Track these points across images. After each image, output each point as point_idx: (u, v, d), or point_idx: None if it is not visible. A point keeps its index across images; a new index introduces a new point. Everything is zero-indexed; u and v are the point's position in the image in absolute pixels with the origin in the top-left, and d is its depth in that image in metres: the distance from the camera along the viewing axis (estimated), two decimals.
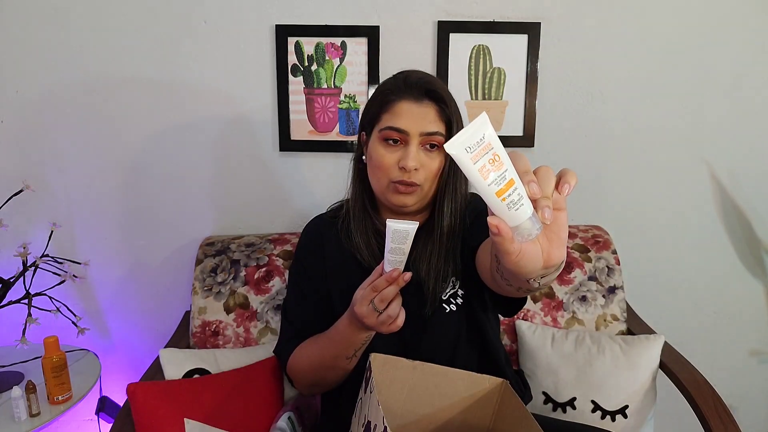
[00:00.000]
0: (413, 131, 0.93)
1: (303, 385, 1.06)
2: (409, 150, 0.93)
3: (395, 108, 0.94)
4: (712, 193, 1.63)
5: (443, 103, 0.94)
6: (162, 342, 1.42)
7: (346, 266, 1.04)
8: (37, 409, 1.22)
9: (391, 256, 0.80)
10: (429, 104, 0.94)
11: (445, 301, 1.01)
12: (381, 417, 0.69)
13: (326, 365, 0.97)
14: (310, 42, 1.49)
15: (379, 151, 0.96)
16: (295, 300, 1.10)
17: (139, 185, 1.57)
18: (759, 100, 1.57)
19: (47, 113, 1.51)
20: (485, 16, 1.50)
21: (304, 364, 1.02)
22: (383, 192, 0.98)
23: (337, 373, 0.98)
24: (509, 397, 0.87)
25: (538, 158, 1.59)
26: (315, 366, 0.99)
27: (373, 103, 0.99)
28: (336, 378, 0.99)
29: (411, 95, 0.94)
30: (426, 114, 0.94)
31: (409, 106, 0.94)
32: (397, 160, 0.94)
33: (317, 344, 1.00)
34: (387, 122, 0.95)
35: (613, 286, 1.44)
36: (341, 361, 0.95)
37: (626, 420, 1.28)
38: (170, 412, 1.11)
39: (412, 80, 0.96)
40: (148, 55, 1.49)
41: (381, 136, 0.96)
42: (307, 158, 1.58)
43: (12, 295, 1.32)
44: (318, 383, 1.03)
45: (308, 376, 1.02)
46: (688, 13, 1.52)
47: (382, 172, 0.96)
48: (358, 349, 0.93)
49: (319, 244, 1.08)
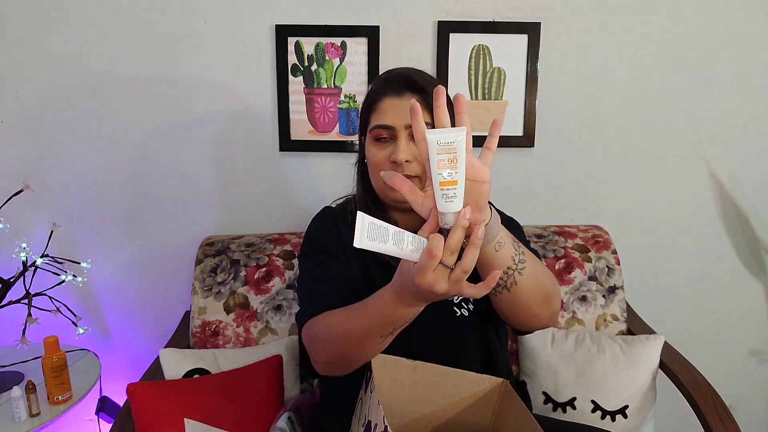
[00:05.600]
0: (398, 125, 0.94)
1: (321, 360, 0.92)
2: (398, 144, 0.94)
3: (379, 106, 0.96)
4: (712, 193, 1.63)
5: (425, 93, 0.94)
6: (162, 342, 1.43)
7: (362, 252, 1.01)
8: (37, 409, 1.22)
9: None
10: (411, 96, 0.95)
11: (456, 305, 1.00)
12: (381, 416, 0.70)
13: (357, 339, 0.84)
14: (310, 42, 1.49)
15: (372, 151, 0.97)
16: (314, 271, 1.01)
17: (139, 185, 1.57)
18: (759, 100, 1.57)
19: (47, 113, 1.51)
20: (485, 16, 1.50)
21: (331, 332, 0.89)
22: (382, 190, 0.99)
23: (365, 353, 0.86)
24: (510, 397, 0.87)
25: (538, 158, 1.59)
26: (341, 337, 0.87)
27: (363, 106, 1.02)
28: (361, 358, 0.87)
29: (392, 91, 0.96)
30: (408, 106, 0.94)
31: (392, 101, 0.95)
32: (388, 156, 0.95)
33: (348, 314, 0.87)
34: (374, 122, 0.97)
35: (613, 286, 1.45)
36: (374, 339, 0.83)
37: (626, 420, 1.28)
38: (170, 412, 1.11)
39: (391, 76, 0.98)
40: (148, 55, 1.49)
41: (372, 136, 0.97)
42: (307, 158, 1.58)
43: (12, 295, 1.31)
44: (338, 361, 0.90)
45: (330, 349, 0.89)
46: (688, 14, 1.52)
47: (377, 170, 0.97)
48: (399, 327, 0.82)
49: (334, 226, 1.06)
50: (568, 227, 1.55)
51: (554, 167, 1.60)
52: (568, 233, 1.51)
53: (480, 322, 1.02)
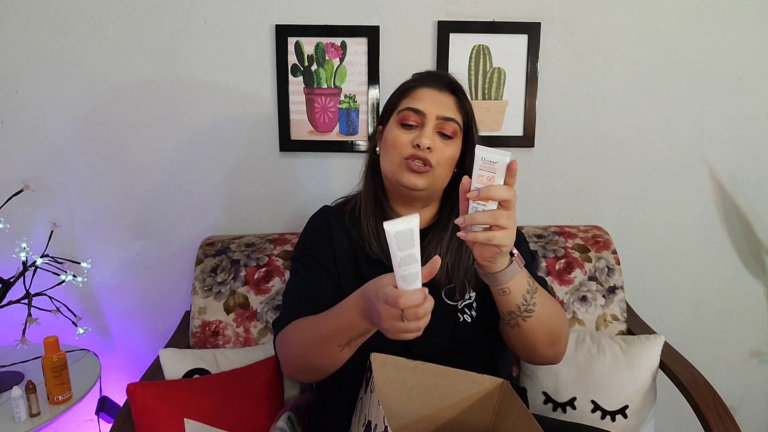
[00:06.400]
0: (431, 113, 0.96)
1: (289, 365, 0.95)
2: (425, 130, 0.95)
3: (416, 93, 0.99)
4: (713, 193, 1.63)
5: (463, 96, 0.99)
6: (162, 342, 1.43)
7: (353, 256, 1.03)
8: (37, 409, 1.22)
9: (403, 270, 0.67)
10: (449, 95, 0.99)
11: (459, 310, 1.00)
12: (382, 417, 0.70)
13: (317, 344, 0.87)
14: (310, 42, 1.49)
15: (395, 132, 0.98)
16: (300, 277, 1.03)
17: (139, 185, 1.57)
18: (759, 101, 1.57)
19: (47, 113, 1.51)
20: (485, 16, 1.50)
21: (296, 337, 0.91)
22: (394, 172, 0.98)
23: (324, 361, 0.88)
24: (510, 397, 0.87)
25: (538, 158, 1.59)
26: (305, 343, 0.89)
27: (395, 94, 1.04)
28: (322, 366, 0.89)
29: (433, 83, 0.99)
30: (445, 101, 0.98)
31: (431, 92, 0.98)
32: (411, 139, 0.96)
33: (316, 320, 0.89)
34: (406, 104, 0.98)
35: (613, 286, 1.45)
36: (332, 346, 0.85)
37: (626, 420, 1.28)
38: (170, 412, 1.11)
39: (434, 73, 1.03)
40: (148, 56, 1.49)
41: (398, 118, 0.98)
42: (307, 158, 1.58)
43: (12, 295, 1.31)
44: (304, 367, 0.92)
45: (295, 354, 0.92)
46: (688, 14, 1.52)
47: (396, 150, 0.97)
48: (354, 338, 0.83)
49: (327, 230, 1.06)
50: (568, 227, 1.55)
51: (554, 167, 1.60)
52: (568, 233, 1.51)
53: (483, 328, 1.01)
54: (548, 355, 0.95)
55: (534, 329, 0.88)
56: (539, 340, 0.91)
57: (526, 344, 0.92)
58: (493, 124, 1.55)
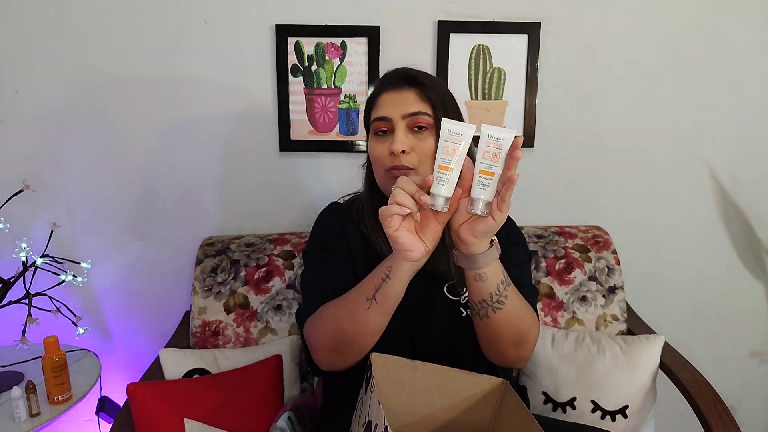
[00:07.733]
0: (395, 115, 0.95)
1: (320, 348, 0.93)
2: (396, 135, 0.94)
3: (379, 100, 0.98)
4: (713, 194, 1.63)
5: (423, 86, 0.96)
6: (162, 342, 1.43)
7: (365, 250, 1.03)
8: (37, 409, 1.22)
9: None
10: (408, 89, 0.97)
11: (462, 305, 1.00)
12: (382, 417, 0.69)
13: (347, 308, 0.88)
14: (310, 42, 1.49)
15: (372, 144, 0.99)
16: (321, 269, 1.02)
17: (139, 185, 1.57)
18: (759, 101, 1.57)
19: (47, 113, 1.51)
20: (485, 16, 1.50)
21: (328, 311, 0.92)
22: (383, 185, 0.99)
23: (355, 325, 0.87)
24: (510, 397, 0.87)
25: (538, 158, 1.59)
26: (338, 312, 0.90)
27: (365, 107, 1.04)
28: (353, 332, 0.88)
29: (390, 85, 0.98)
30: (405, 98, 0.96)
31: (390, 95, 0.97)
32: (387, 148, 0.96)
33: (344, 297, 0.91)
34: (374, 115, 0.98)
35: (613, 286, 1.45)
36: (361, 301, 0.86)
37: (626, 420, 1.28)
38: (170, 412, 1.11)
39: (389, 74, 1.01)
40: (148, 55, 1.49)
41: (372, 131, 0.99)
42: (307, 158, 1.58)
43: (12, 295, 1.31)
44: (338, 340, 0.90)
45: (328, 328, 0.91)
46: (688, 14, 1.52)
47: (378, 164, 0.97)
48: (378, 287, 0.84)
49: (339, 225, 1.06)
50: (568, 227, 1.55)
51: (554, 167, 1.60)
52: (568, 233, 1.51)
53: None
54: (512, 356, 0.95)
55: (501, 324, 0.88)
56: (505, 338, 0.90)
57: (492, 338, 0.91)
58: (493, 124, 1.54)
